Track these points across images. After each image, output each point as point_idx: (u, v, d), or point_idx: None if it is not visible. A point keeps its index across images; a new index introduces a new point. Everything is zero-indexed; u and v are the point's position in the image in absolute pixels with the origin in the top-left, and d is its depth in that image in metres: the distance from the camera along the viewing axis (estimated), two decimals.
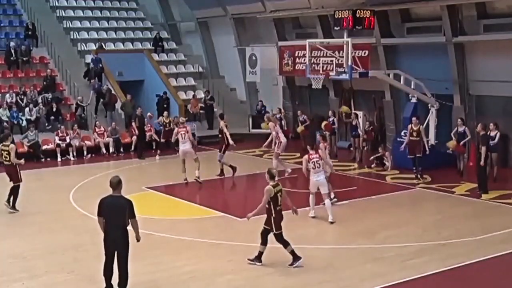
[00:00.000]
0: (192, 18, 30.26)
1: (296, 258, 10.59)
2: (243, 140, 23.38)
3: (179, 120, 19.17)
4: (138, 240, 9.30)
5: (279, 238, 10.60)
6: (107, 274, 9.30)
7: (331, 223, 13.30)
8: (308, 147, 14.10)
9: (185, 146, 17.50)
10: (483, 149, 15.63)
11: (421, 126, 18.12)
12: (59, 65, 26.20)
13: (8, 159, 14.56)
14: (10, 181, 14.55)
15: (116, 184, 9.24)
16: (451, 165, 18.59)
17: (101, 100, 24.86)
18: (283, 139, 18.11)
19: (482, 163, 15.63)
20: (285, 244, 10.61)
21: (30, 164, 20.73)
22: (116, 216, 9.13)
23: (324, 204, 13.61)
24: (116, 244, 9.16)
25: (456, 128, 18.44)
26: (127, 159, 21.87)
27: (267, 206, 10.54)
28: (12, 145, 14.79)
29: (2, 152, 14.62)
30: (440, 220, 13.76)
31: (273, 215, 10.52)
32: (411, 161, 18.14)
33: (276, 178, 10.77)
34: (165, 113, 23.31)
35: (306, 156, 13.69)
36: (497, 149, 17.49)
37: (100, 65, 25.86)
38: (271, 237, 10.70)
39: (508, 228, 12.76)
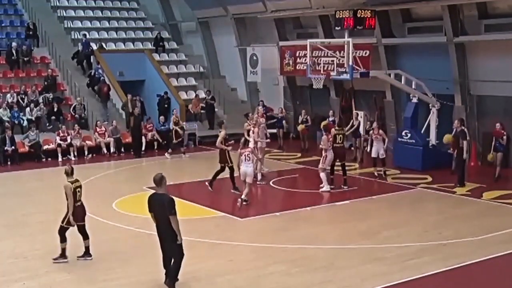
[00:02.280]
0: (193, 18, 30.25)
1: (87, 253, 11.02)
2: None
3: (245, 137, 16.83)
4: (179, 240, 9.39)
5: (61, 231, 10.94)
6: (166, 267, 9.68)
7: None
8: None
9: (248, 167, 15.28)
10: (464, 143, 16.54)
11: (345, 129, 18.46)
12: (60, 65, 26.22)
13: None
14: None
15: (159, 180, 9.37)
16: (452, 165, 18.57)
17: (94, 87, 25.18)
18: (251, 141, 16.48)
19: (464, 156, 16.53)
20: (86, 236, 11.08)
21: (31, 164, 20.83)
22: (162, 212, 9.32)
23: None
24: (163, 240, 9.47)
25: (455, 129, 18.45)
26: (128, 159, 21.87)
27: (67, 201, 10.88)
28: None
29: None
30: (441, 220, 13.75)
31: (72, 210, 10.91)
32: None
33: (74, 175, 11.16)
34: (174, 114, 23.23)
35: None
36: (501, 149, 17.52)
37: (90, 49, 26.38)
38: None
39: (509, 228, 12.75)
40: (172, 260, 9.54)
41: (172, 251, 9.47)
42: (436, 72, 20.01)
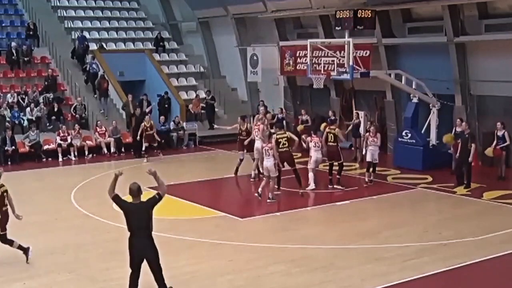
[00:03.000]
0: (193, 18, 30.25)
1: (25, 250, 10.94)
2: None
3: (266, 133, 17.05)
4: None
5: (3, 239, 10.78)
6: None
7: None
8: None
9: (268, 163, 15.29)
10: (473, 147, 16.46)
11: (337, 129, 17.24)
12: (60, 65, 26.23)
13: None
14: None
15: (137, 191, 8.91)
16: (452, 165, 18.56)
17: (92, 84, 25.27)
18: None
19: (456, 156, 16.90)
20: (10, 243, 10.88)
21: (31, 164, 20.84)
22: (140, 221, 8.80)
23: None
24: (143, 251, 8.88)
25: (454, 129, 18.46)
26: (128, 159, 21.88)
27: None
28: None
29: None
30: (441, 220, 13.75)
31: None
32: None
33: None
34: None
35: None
36: (503, 148, 17.56)
37: (86, 43, 26.60)
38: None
39: (509, 228, 12.75)
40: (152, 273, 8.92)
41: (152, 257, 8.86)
42: (436, 72, 20.01)
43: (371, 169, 17.18)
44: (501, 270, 10.68)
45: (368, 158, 17.21)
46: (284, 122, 24.42)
